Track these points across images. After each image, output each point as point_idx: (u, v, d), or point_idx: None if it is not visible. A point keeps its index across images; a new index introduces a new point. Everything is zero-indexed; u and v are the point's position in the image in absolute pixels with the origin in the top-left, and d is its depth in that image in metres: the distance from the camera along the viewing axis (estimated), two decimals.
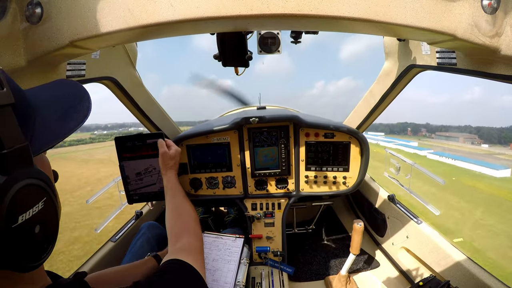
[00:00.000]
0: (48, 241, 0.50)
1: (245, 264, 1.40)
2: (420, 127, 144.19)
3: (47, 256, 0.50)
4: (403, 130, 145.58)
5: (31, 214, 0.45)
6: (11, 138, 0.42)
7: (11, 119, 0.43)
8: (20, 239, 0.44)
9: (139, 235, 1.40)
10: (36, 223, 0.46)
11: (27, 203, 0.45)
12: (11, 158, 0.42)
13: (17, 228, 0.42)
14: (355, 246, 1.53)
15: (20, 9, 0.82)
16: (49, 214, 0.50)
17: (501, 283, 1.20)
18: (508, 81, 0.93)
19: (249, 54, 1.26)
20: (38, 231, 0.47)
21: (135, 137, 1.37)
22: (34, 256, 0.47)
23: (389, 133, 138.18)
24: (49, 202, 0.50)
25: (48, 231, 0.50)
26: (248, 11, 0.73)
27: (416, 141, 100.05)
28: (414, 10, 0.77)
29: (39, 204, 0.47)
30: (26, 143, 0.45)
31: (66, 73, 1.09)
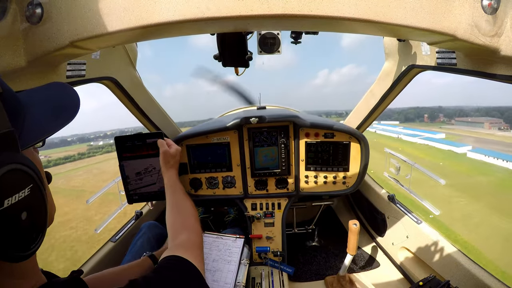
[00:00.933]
0: (37, 230, 0.50)
1: (245, 265, 1.40)
2: (435, 112, 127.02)
3: (36, 246, 0.50)
4: (418, 116, 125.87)
5: (17, 199, 0.45)
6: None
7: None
8: (6, 224, 0.43)
9: (140, 235, 1.40)
10: (22, 209, 0.46)
11: (13, 187, 0.45)
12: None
13: (2, 212, 0.42)
14: (352, 246, 1.54)
15: (20, 9, 0.82)
16: (36, 202, 0.50)
17: (501, 283, 1.21)
18: (508, 81, 0.93)
19: (249, 54, 1.26)
20: (25, 218, 0.47)
21: (135, 137, 1.37)
22: (21, 245, 0.47)
23: (404, 121, 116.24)
24: (36, 190, 0.50)
25: (36, 220, 0.50)
26: (248, 11, 0.73)
27: (438, 129, 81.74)
28: (414, 10, 0.77)
29: (25, 190, 0.47)
30: (11, 129, 0.46)
31: (66, 73, 1.09)
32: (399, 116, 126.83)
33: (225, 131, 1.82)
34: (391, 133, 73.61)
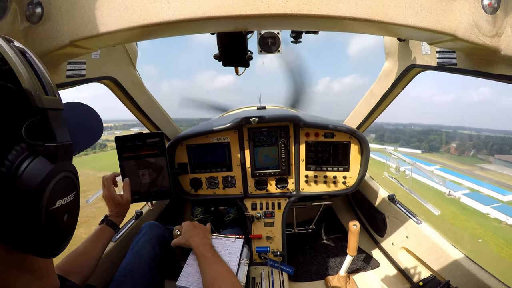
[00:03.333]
0: (69, 231, 0.56)
1: (245, 265, 1.40)
2: (436, 132, 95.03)
3: (65, 246, 0.55)
4: (435, 141, 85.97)
5: (65, 202, 0.52)
6: (62, 135, 0.52)
7: (62, 121, 0.54)
8: (53, 222, 0.49)
9: (141, 235, 1.40)
10: (66, 211, 0.53)
11: (64, 191, 0.52)
12: (59, 151, 0.51)
13: (53, 211, 0.49)
14: (352, 247, 1.53)
15: (20, 8, 0.82)
16: (75, 207, 0.57)
17: (501, 283, 1.20)
18: (508, 81, 0.93)
19: (249, 54, 1.26)
20: (66, 219, 0.53)
21: (136, 137, 1.37)
22: (57, 243, 0.52)
23: (428, 151, 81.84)
24: (77, 196, 0.57)
25: (72, 223, 0.56)
26: (248, 11, 0.73)
27: (481, 172, 52.40)
28: (414, 10, 0.77)
29: (71, 195, 0.54)
30: (71, 142, 0.55)
31: (66, 73, 1.09)
32: (422, 144, 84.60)
33: (225, 131, 1.82)
34: (424, 178, 39.32)
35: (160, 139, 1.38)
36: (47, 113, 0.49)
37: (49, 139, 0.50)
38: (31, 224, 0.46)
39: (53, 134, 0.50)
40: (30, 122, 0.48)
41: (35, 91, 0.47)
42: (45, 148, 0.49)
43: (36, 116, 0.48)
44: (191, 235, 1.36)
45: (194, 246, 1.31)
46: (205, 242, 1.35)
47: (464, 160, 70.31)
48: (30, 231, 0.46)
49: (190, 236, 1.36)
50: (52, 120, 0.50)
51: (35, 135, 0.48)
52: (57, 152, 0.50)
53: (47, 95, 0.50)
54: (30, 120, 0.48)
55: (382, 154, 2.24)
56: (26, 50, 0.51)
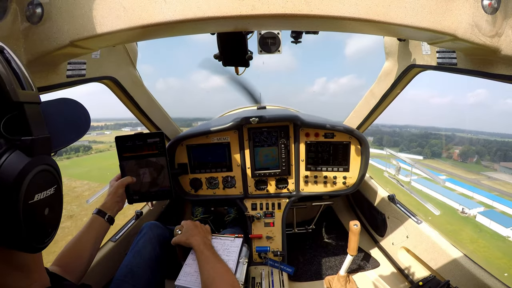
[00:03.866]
0: (52, 226, 0.56)
1: (244, 263, 1.39)
2: (435, 136, 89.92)
3: (49, 241, 0.55)
4: (434, 147, 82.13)
5: (44, 195, 0.52)
6: (39, 129, 0.52)
7: (39, 115, 0.54)
8: (33, 216, 0.49)
9: (141, 235, 1.40)
10: (46, 205, 0.53)
11: (43, 185, 0.52)
12: (36, 144, 0.51)
13: (32, 204, 0.49)
14: (352, 247, 1.53)
15: (20, 9, 0.82)
16: (57, 201, 0.57)
17: (501, 283, 1.20)
18: (508, 81, 0.93)
19: (249, 54, 1.26)
20: (47, 213, 0.53)
21: (136, 137, 1.37)
22: (40, 237, 0.52)
23: (431, 157, 78.53)
24: (58, 190, 0.57)
25: (54, 217, 0.56)
26: (248, 11, 0.73)
27: (488, 182, 48.81)
28: (414, 10, 0.77)
29: (51, 189, 0.54)
30: (48, 135, 0.55)
31: (67, 73, 1.09)
32: (424, 150, 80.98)
33: (225, 131, 1.82)
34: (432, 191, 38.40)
35: (160, 139, 1.38)
36: (23, 107, 0.50)
37: (27, 133, 0.50)
38: (10, 218, 0.46)
39: (29, 128, 0.50)
40: (9, 117, 0.48)
41: (10, 86, 0.47)
42: (21, 142, 0.49)
43: (14, 111, 0.49)
44: (192, 234, 1.37)
45: (195, 244, 1.32)
46: (205, 241, 1.36)
47: (468, 167, 65.85)
48: (10, 225, 0.46)
49: (191, 235, 1.36)
50: (29, 114, 0.50)
51: (15, 130, 0.49)
52: (33, 145, 0.50)
53: (23, 89, 0.50)
54: (8, 115, 0.48)
55: (381, 161, 2.17)
56: (4, 47, 0.51)
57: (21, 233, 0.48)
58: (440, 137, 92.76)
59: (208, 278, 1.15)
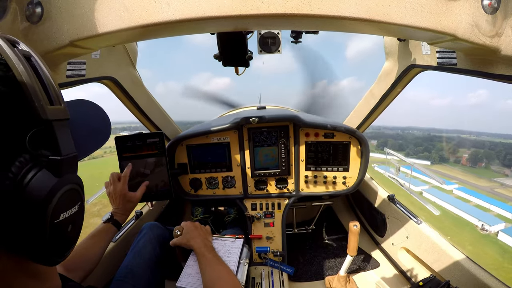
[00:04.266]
0: (73, 240, 0.56)
1: (245, 265, 1.40)
2: (440, 139, 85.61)
3: (68, 253, 0.55)
4: (441, 151, 75.54)
5: (69, 214, 0.52)
6: (67, 147, 0.51)
7: (67, 132, 0.52)
8: (57, 235, 0.49)
9: (141, 235, 1.40)
10: (70, 222, 0.53)
11: (69, 204, 0.52)
12: (64, 164, 0.50)
13: (57, 224, 0.49)
14: (352, 247, 1.53)
15: (20, 8, 0.82)
16: (79, 217, 0.57)
17: (501, 283, 1.20)
18: (508, 81, 0.93)
19: (249, 54, 1.26)
20: (70, 230, 0.53)
21: (136, 137, 1.37)
22: (61, 252, 0.52)
23: (438, 162, 73.47)
24: (82, 206, 0.57)
25: (76, 232, 0.56)
26: (248, 11, 0.73)
27: (503, 190, 46.27)
28: (414, 10, 0.77)
29: (76, 206, 0.54)
30: (76, 153, 0.53)
31: (67, 73, 1.09)
32: (432, 155, 73.49)
33: (225, 131, 1.82)
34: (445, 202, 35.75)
35: (160, 139, 1.38)
36: (52, 124, 0.48)
37: (54, 151, 0.49)
38: (35, 237, 0.46)
39: (57, 146, 0.49)
40: (34, 131, 0.46)
41: (39, 102, 0.45)
42: (49, 160, 0.48)
43: (41, 126, 0.47)
44: (193, 236, 1.36)
45: (196, 247, 1.31)
46: (206, 243, 1.36)
47: (479, 173, 62.33)
48: (34, 243, 0.46)
49: (192, 237, 1.36)
50: (57, 131, 0.49)
51: (39, 145, 0.47)
52: (61, 165, 0.49)
53: (52, 104, 0.48)
54: (34, 129, 0.46)
55: (385, 166, 2.10)
56: (32, 54, 0.49)
57: (45, 251, 0.48)
58: (445, 140, 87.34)
59: (210, 280, 1.15)
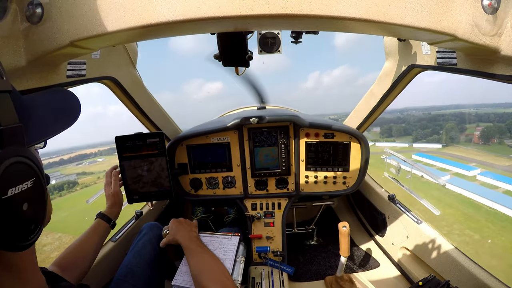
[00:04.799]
0: (36, 222, 0.52)
1: (241, 262, 1.39)
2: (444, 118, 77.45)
3: (34, 238, 0.51)
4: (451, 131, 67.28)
5: (20, 189, 0.48)
6: (7, 118, 0.47)
7: (8, 103, 0.49)
8: (8, 213, 0.45)
9: (141, 235, 1.40)
10: (24, 200, 0.49)
11: (17, 178, 0.48)
12: (5, 135, 0.46)
13: (6, 200, 0.45)
14: (344, 248, 1.53)
15: (20, 9, 0.82)
16: (37, 195, 0.52)
17: (501, 283, 1.20)
18: (509, 81, 0.93)
19: (249, 54, 1.26)
20: (26, 209, 0.49)
21: (136, 137, 1.37)
22: (20, 234, 0.48)
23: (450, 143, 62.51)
24: (38, 184, 0.52)
25: (36, 212, 0.52)
26: (248, 11, 0.73)
27: None
28: (414, 10, 0.77)
29: (28, 182, 0.50)
30: (19, 124, 0.49)
31: (67, 73, 1.09)
32: (441, 137, 64.15)
33: (225, 131, 1.82)
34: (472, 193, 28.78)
35: (160, 139, 1.38)
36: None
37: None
38: None
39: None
40: None
41: None
42: None
43: None
44: (177, 230, 1.36)
45: (181, 240, 1.31)
46: (191, 235, 1.36)
47: (494, 150, 54.45)
48: None
49: (176, 231, 1.36)
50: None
51: None
52: (1, 136, 0.46)
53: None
54: None
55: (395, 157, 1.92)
56: None
57: None
58: (449, 118, 78.42)
59: (196, 270, 1.15)
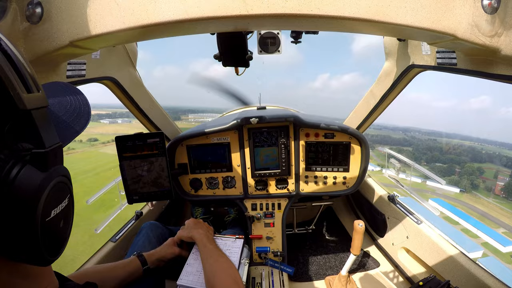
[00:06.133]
0: (67, 236, 0.52)
1: (245, 264, 1.40)
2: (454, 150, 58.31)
3: (62, 251, 0.51)
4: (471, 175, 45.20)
5: (60, 209, 0.48)
6: (50, 138, 0.45)
7: (48, 120, 0.46)
8: (49, 233, 0.45)
9: (141, 235, 1.40)
10: (62, 218, 0.49)
11: (58, 198, 0.47)
12: (49, 157, 0.45)
13: (49, 221, 0.45)
14: (356, 246, 1.53)
15: (20, 9, 0.82)
16: (70, 211, 0.53)
17: (501, 283, 1.20)
18: (508, 81, 0.93)
19: (249, 54, 1.26)
20: (62, 225, 0.49)
21: (136, 137, 1.37)
22: (54, 249, 0.48)
23: (471, 188, 41.93)
24: (71, 198, 0.53)
25: (68, 227, 0.52)
26: (248, 11, 0.73)
27: None
28: (414, 10, 0.77)
29: (65, 199, 0.50)
30: (60, 143, 0.48)
31: (67, 73, 1.09)
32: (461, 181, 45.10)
33: (225, 131, 1.82)
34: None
35: (160, 139, 1.38)
36: (31, 114, 0.42)
37: (36, 143, 0.43)
38: (27, 239, 0.42)
39: (40, 138, 0.43)
40: (12, 123, 0.40)
41: (14, 91, 0.38)
42: (32, 154, 0.42)
43: (18, 117, 0.41)
44: (195, 228, 1.37)
45: (197, 237, 1.32)
46: (208, 235, 1.36)
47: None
48: (26, 244, 0.42)
49: (194, 228, 1.36)
50: (38, 121, 0.43)
51: (19, 138, 0.42)
52: (46, 158, 0.44)
53: (29, 92, 0.42)
54: (11, 121, 0.40)
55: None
56: (1, 37, 0.41)
57: (38, 251, 0.44)
58: (461, 153, 60.59)
59: (211, 271, 1.14)
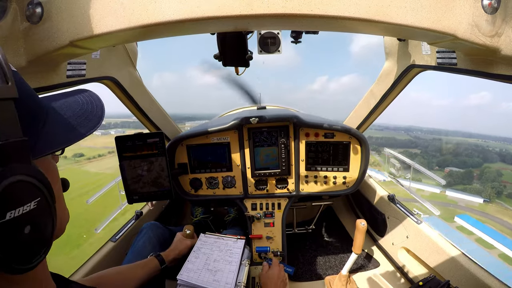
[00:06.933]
0: (40, 244, 0.48)
1: (246, 265, 1.40)
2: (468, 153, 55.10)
3: (39, 259, 0.47)
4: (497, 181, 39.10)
5: (20, 212, 0.42)
6: (8, 131, 0.41)
7: (10, 113, 0.42)
8: (6, 237, 0.41)
9: (141, 235, 1.40)
10: (26, 223, 0.44)
11: (18, 200, 0.42)
12: (4, 151, 0.41)
13: (3, 224, 0.40)
14: (358, 245, 1.52)
15: (20, 8, 0.82)
16: (42, 217, 0.47)
17: (501, 283, 1.20)
18: (508, 81, 0.93)
19: (249, 54, 1.27)
20: (28, 232, 0.44)
21: (136, 137, 1.37)
22: (23, 258, 0.44)
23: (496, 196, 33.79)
24: (44, 204, 0.47)
25: (40, 234, 0.47)
26: (248, 11, 0.73)
27: None
28: (415, 10, 0.77)
29: (31, 203, 0.44)
30: (23, 138, 0.44)
31: (67, 73, 1.09)
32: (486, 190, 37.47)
33: (225, 131, 1.82)
34: None
35: (160, 139, 1.38)
36: None
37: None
38: None
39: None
40: None
41: None
42: None
43: None
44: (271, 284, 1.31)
45: None
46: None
47: None
48: None
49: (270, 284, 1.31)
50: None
51: None
52: (2, 153, 0.41)
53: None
54: None
55: None
56: None
57: None
58: (473, 153, 55.98)
59: None
